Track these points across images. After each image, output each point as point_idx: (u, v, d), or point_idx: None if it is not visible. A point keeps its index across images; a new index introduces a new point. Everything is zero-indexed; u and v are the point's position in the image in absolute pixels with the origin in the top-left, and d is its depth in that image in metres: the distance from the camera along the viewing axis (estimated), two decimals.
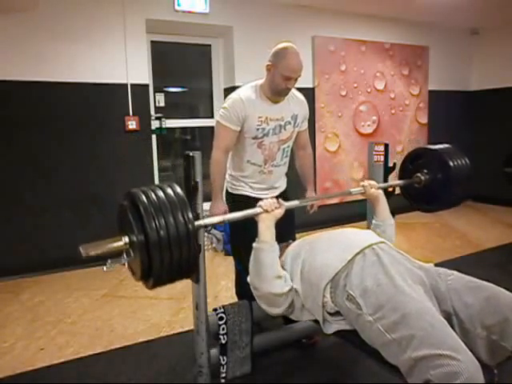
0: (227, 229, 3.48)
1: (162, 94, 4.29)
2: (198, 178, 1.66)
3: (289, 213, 2.20)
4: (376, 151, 2.30)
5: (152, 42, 4.16)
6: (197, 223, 1.45)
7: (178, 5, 3.94)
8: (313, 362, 2.21)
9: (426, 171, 2.16)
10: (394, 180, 2.32)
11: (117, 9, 3.75)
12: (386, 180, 2.31)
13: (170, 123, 4.31)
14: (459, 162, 2.07)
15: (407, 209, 2.45)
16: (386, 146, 2.28)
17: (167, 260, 1.27)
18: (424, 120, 5.71)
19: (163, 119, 4.20)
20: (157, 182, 4.26)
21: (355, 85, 5.04)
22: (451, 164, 2.04)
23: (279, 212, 1.73)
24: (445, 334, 1.22)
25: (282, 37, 4.52)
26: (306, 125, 2.33)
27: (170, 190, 1.34)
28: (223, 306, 1.92)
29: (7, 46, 3.41)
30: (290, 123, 2.18)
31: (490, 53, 5.92)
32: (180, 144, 4.75)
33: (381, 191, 2.01)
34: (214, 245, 4.20)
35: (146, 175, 4.04)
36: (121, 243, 1.32)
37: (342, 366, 2.18)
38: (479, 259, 3.73)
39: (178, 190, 1.36)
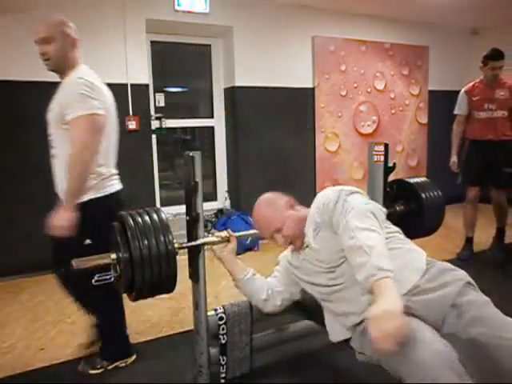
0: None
1: (162, 94, 4.29)
2: (198, 178, 1.66)
3: None
4: (376, 151, 2.29)
5: (152, 41, 4.16)
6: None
7: (178, 5, 3.95)
8: (312, 362, 2.21)
9: (401, 202, 2.27)
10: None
11: (117, 9, 3.75)
12: (385, 180, 2.30)
13: (170, 123, 4.32)
14: (432, 195, 2.20)
15: None
16: (386, 145, 2.27)
17: (148, 276, 1.43)
18: (424, 120, 5.71)
19: (163, 119, 4.21)
20: (157, 181, 4.27)
21: (355, 85, 5.04)
22: (424, 196, 2.18)
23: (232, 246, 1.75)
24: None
25: (282, 37, 4.59)
26: (69, 115, 1.93)
27: (155, 216, 1.52)
28: (223, 306, 1.92)
29: (7, 45, 3.41)
30: (51, 111, 2.06)
31: None
32: (180, 144, 4.75)
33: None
34: None
35: (146, 175, 4.04)
36: (109, 259, 1.50)
37: (342, 366, 2.17)
38: (479, 259, 3.73)
39: (163, 215, 1.54)
